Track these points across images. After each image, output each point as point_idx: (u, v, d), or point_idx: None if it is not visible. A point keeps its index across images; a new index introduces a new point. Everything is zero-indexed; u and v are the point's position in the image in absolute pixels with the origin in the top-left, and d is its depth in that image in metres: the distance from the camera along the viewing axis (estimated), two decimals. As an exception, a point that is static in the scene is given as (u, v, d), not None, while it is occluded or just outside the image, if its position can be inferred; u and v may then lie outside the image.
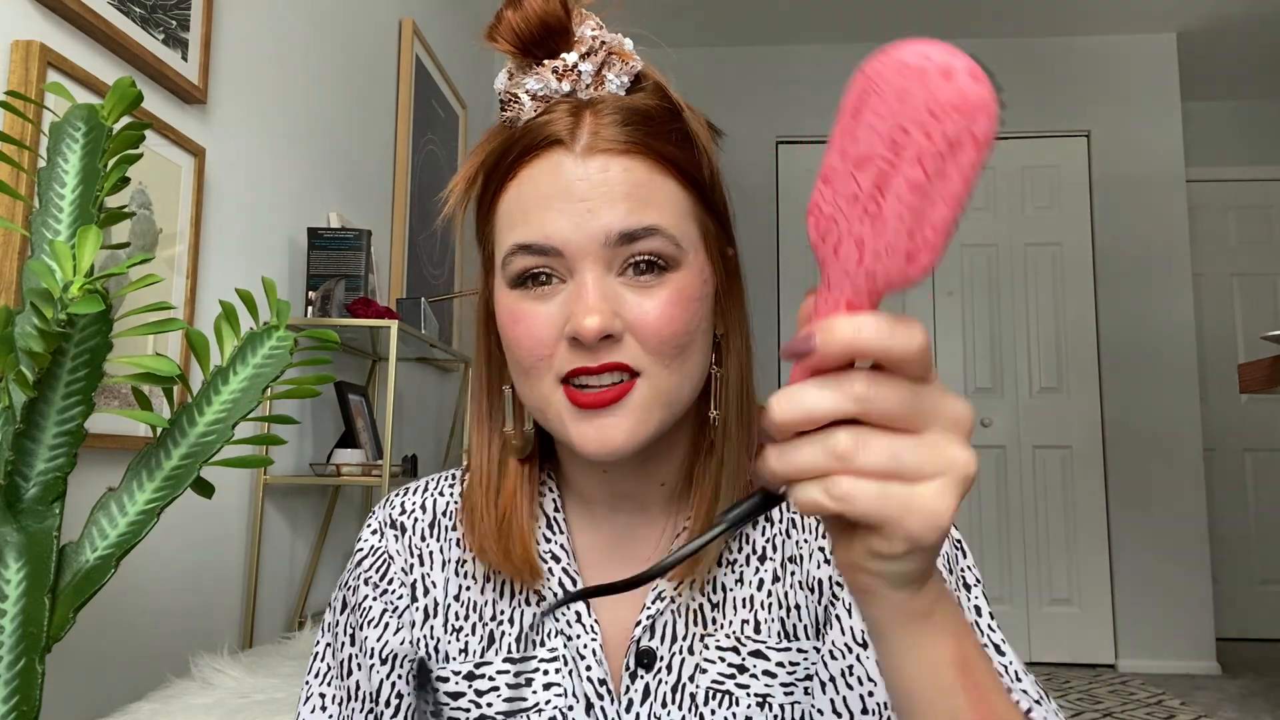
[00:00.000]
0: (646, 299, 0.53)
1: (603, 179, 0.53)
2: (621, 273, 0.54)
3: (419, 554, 0.64)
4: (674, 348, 0.54)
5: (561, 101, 0.55)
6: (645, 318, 0.53)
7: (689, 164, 0.56)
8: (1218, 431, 4.30)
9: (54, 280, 0.81)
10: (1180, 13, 3.71)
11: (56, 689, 1.23)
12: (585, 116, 0.54)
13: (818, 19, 3.81)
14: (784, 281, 3.96)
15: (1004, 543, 3.77)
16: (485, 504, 0.60)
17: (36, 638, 0.81)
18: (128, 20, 1.43)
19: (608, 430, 0.53)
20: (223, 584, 1.75)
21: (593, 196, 0.53)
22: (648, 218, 0.53)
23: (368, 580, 0.64)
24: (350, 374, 2.27)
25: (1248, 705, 3.10)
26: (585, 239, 0.52)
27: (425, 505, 0.66)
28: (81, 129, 0.91)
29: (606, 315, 0.52)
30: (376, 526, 0.66)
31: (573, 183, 0.53)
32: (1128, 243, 3.82)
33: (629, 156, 0.54)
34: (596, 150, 0.53)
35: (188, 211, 1.59)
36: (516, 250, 0.54)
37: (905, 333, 0.34)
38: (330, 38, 2.25)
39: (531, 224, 0.53)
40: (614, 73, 0.56)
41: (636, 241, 0.53)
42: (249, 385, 0.92)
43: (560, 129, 0.54)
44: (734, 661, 0.58)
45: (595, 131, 0.54)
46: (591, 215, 0.52)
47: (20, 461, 0.85)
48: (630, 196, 0.53)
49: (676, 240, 0.54)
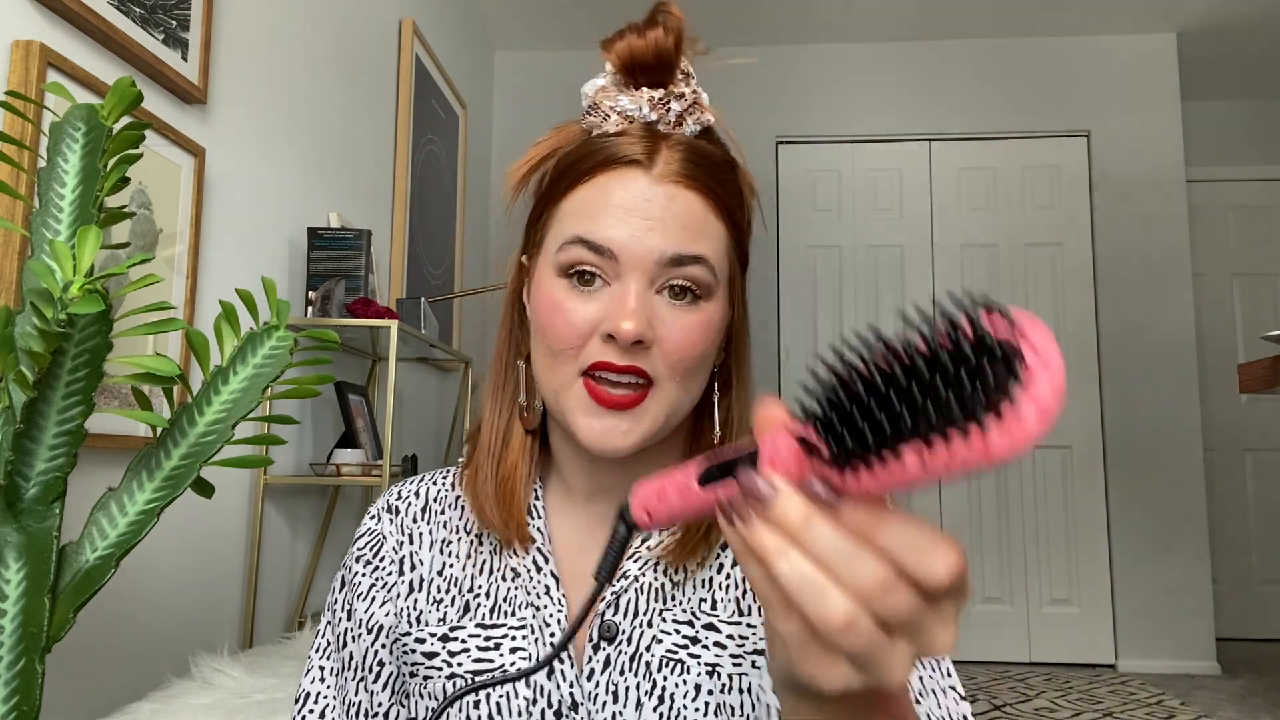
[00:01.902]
0: (679, 319, 0.60)
1: (667, 204, 0.59)
2: (660, 291, 0.60)
3: (409, 534, 0.69)
4: (688, 368, 0.60)
5: (643, 127, 0.62)
6: (674, 335, 0.59)
7: (736, 210, 0.63)
8: (1218, 431, 4.30)
9: (54, 280, 0.81)
10: (1180, 13, 3.71)
11: (56, 689, 1.23)
12: (661, 147, 0.61)
13: (818, 19, 3.81)
14: (784, 282, 3.96)
15: (1004, 543, 3.77)
16: (489, 468, 0.65)
17: (36, 638, 0.81)
18: (128, 20, 1.43)
19: (614, 431, 0.59)
20: (223, 584, 1.75)
21: (656, 217, 0.59)
22: (697, 247, 0.59)
23: (360, 558, 0.69)
24: (350, 374, 2.27)
25: (1247, 705, 3.10)
26: (641, 251, 0.58)
27: (419, 492, 0.72)
28: (81, 129, 0.91)
29: (643, 323, 0.58)
30: (376, 512, 0.71)
31: (642, 200, 0.59)
32: (1128, 243, 3.82)
33: (693, 191, 0.60)
34: (668, 179, 0.60)
35: (188, 211, 1.59)
36: (576, 242, 0.59)
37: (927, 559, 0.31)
38: (330, 38, 2.24)
39: (597, 224, 0.59)
40: (693, 119, 0.63)
41: (683, 266, 0.59)
42: (249, 385, 0.92)
43: (641, 152, 0.61)
44: (688, 634, 0.61)
45: (669, 162, 0.60)
46: (651, 233, 0.59)
47: (20, 461, 0.85)
48: (687, 226, 0.60)
49: (715, 273, 0.60)
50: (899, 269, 3.94)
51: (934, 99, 3.94)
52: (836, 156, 4.01)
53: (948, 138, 3.96)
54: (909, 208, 3.96)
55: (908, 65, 3.96)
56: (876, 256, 3.96)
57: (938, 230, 3.94)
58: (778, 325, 3.91)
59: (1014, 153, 3.94)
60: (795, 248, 3.98)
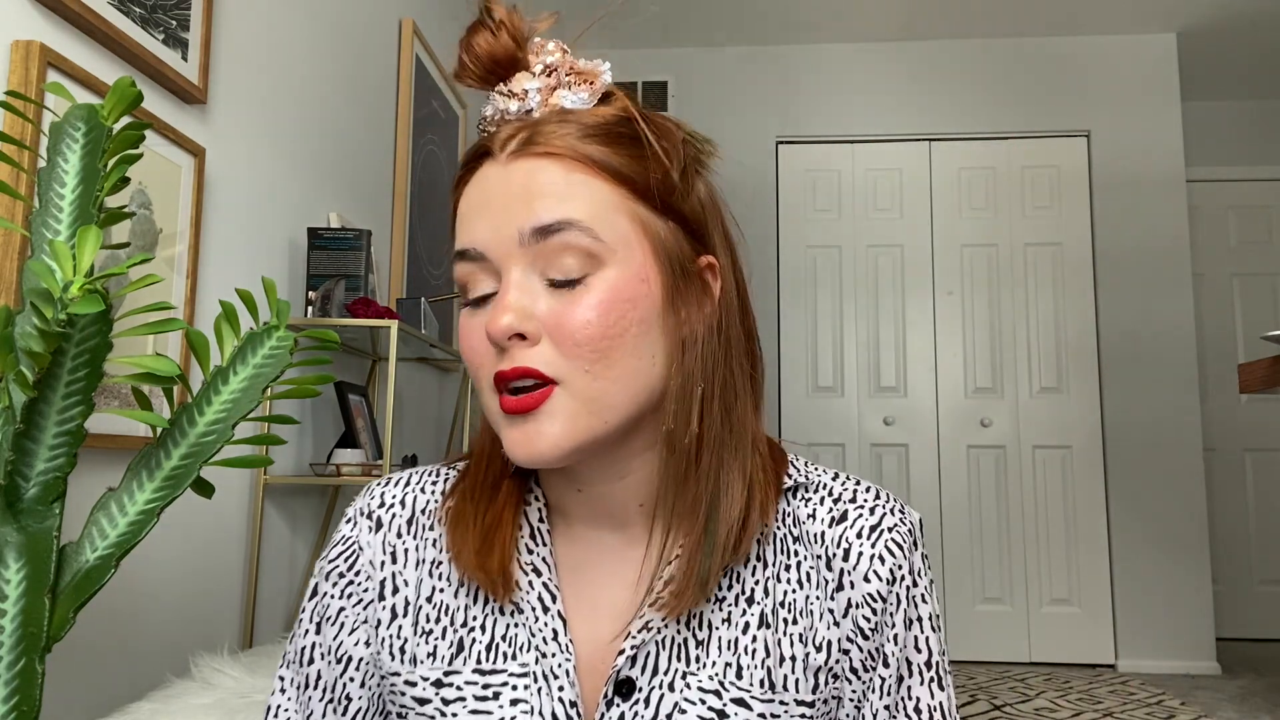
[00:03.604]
0: (566, 300, 0.53)
1: (520, 181, 0.54)
2: (544, 275, 0.54)
3: (392, 550, 0.62)
4: (593, 351, 0.53)
5: (509, 120, 0.57)
6: (559, 319, 0.53)
7: (625, 165, 0.55)
8: (1218, 431, 4.30)
9: (54, 280, 0.81)
10: (1180, 13, 3.71)
11: (56, 689, 1.23)
12: (522, 130, 0.56)
13: (818, 19, 3.81)
14: (784, 282, 3.96)
15: (1004, 542, 3.77)
16: (474, 513, 0.60)
17: (36, 638, 0.81)
18: (128, 20, 1.43)
19: (532, 436, 0.53)
20: (223, 584, 1.75)
21: (508, 199, 0.54)
22: (560, 212, 0.53)
23: (332, 572, 0.63)
24: (350, 374, 2.27)
25: (1248, 705, 3.10)
26: (503, 240, 0.54)
27: (405, 500, 0.64)
28: (81, 129, 0.91)
29: (517, 314, 0.52)
30: (353, 515, 0.65)
31: (494, 189, 0.55)
32: (1128, 243, 3.82)
33: (548, 159, 0.54)
34: (513, 156, 0.55)
35: (188, 211, 1.59)
36: (454, 260, 0.56)
37: None
38: (330, 38, 2.24)
39: (463, 233, 0.56)
40: (572, 90, 0.57)
41: (550, 237, 0.53)
42: (249, 385, 0.92)
43: (491, 142, 0.56)
44: (715, 705, 0.56)
45: (525, 141, 0.55)
46: (508, 216, 0.54)
47: (20, 461, 0.85)
48: (544, 194, 0.54)
49: (597, 234, 0.53)
50: (899, 269, 3.94)
51: (934, 99, 3.95)
52: (836, 156, 4.02)
53: (948, 138, 3.96)
54: (909, 208, 3.96)
55: (908, 65, 3.96)
56: (876, 256, 3.96)
57: (938, 230, 3.94)
58: (778, 325, 3.91)
59: (1014, 153, 3.94)
60: (795, 248, 3.98)
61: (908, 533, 0.61)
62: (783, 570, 0.60)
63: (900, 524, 0.61)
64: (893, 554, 0.60)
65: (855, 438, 3.86)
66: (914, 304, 3.91)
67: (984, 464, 3.80)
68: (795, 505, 0.62)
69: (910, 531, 0.61)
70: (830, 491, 0.62)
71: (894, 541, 0.60)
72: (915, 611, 0.60)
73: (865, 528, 0.60)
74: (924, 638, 0.60)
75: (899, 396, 3.87)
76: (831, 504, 0.61)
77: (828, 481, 0.63)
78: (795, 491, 0.62)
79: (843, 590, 0.59)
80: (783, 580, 0.59)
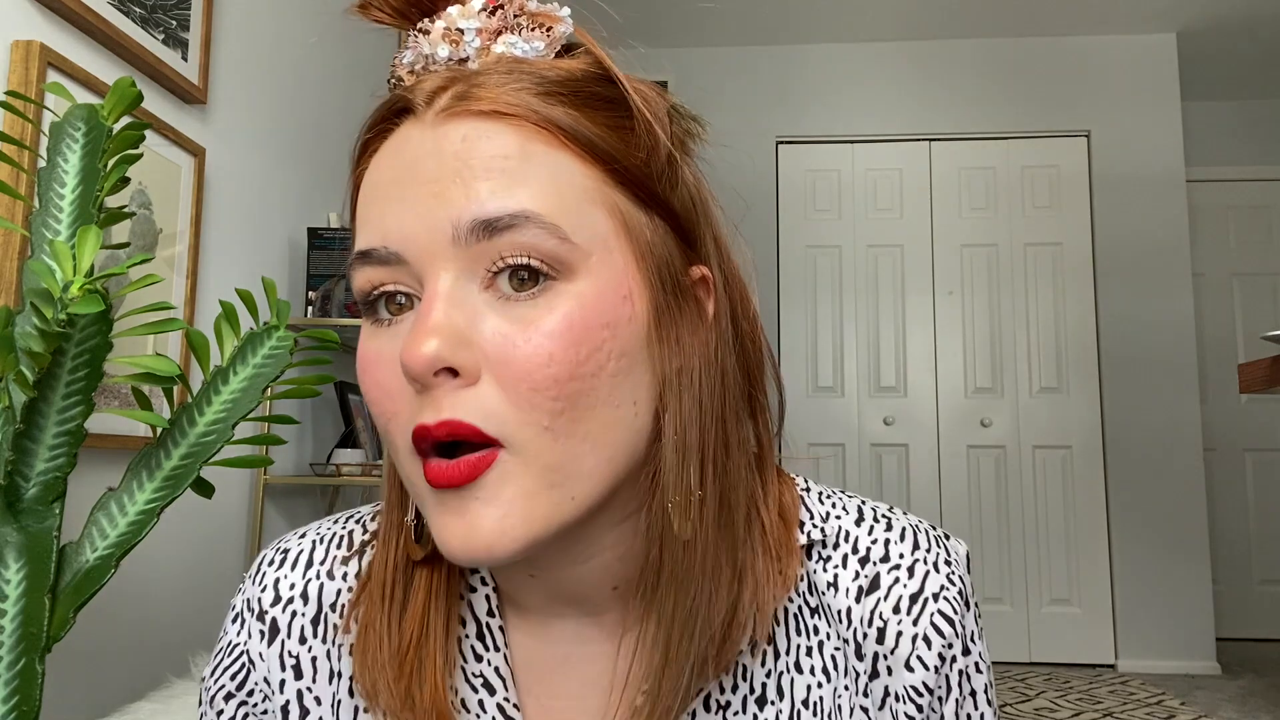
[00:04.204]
0: (518, 322, 0.37)
1: (458, 151, 0.38)
2: (489, 286, 0.38)
3: (295, 663, 0.47)
4: (556, 400, 0.37)
5: (436, 70, 0.42)
6: (508, 350, 0.37)
7: (601, 137, 0.40)
8: (1218, 431, 4.30)
9: (54, 280, 0.81)
10: (1180, 13, 3.71)
11: (56, 689, 1.23)
12: (458, 81, 0.40)
13: (818, 19, 3.81)
14: (784, 282, 3.96)
15: (1004, 543, 3.77)
16: (384, 625, 0.43)
17: (36, 638, 0.81)
18: (128, 20, 1.43)
19: (472, 524, 0.37)
20: (223, 584, 1.75)
21: (439, 174, 0.38)
22: (514, 199, 0.38)
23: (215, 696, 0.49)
24: (350, 374, 2.27)
25: (1248, 705, 3.10)
26: (428, 234, 0.38)
27: (308, 593, 0.48)
28: (81, 129, 0.91)
29: (447, 339, 0.36)
30: (239, 611, 0.49)
31: (419, 160, 0.39)
32: (1128, 243, 3.82)
33: (496, 121, 0.39)
34: (454, 115, 0.39)
35: (188, 211, 1.59)
36: (354, 263, 0.40)
37: None
38: (330, 38, 2.25)
39: (368, 224, 0.40)
40: (522, 36, 0.42)
41: (502, 234, 0.37)
42: (249, 385, 0.92)
43: (412, 95, 0.41)
44: None
45: (461, 94, 0.39)
46: (438, 201, 0.38)
47: (20, 461, 0.85)
48: (495, 172, 0.38)
49: (564, 234, 0.38)
50: (899, 269, 3.94)
51: (934, 99, 3.94)
52: (836, 156, 4.02)
53: (948, 138, 3.96)
54: (909, 208, 3.96)
55: (908, 65, 3.96)
56: (876, 256, 3.96)
57: (938, 230, 3.94)
58: (777, 326, 3.91)
59: (1014, 153, 3.94)
60: (795, 248, 3.98)
61: (957, 595, 0.46)
62: (802, 656, 0.46)
63: (949, 583, 0.46)
64: (941, 633, 0.46)
65: (855, 438, 3.86)
66: (914, 304, 3.91)
67: (984, 464, 3.80)
68: (812, 568, 0.47)
69: (961, 593, 0.47)
70: (855, 546, 0.47)
71: (942, 615, 0.46)
72: (969, 686, 0.47)
73: (904, 598, 0.46)
74: (978, 715, 0.48)
75: (899, 396, 3.87)
76: (858, 566, 0.47)
77: (850, 528, 0.48)
78: (810, 550, 0.48)
79: (878, 678, 0.46)
80: (804, 670, 0.46)
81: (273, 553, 0.50)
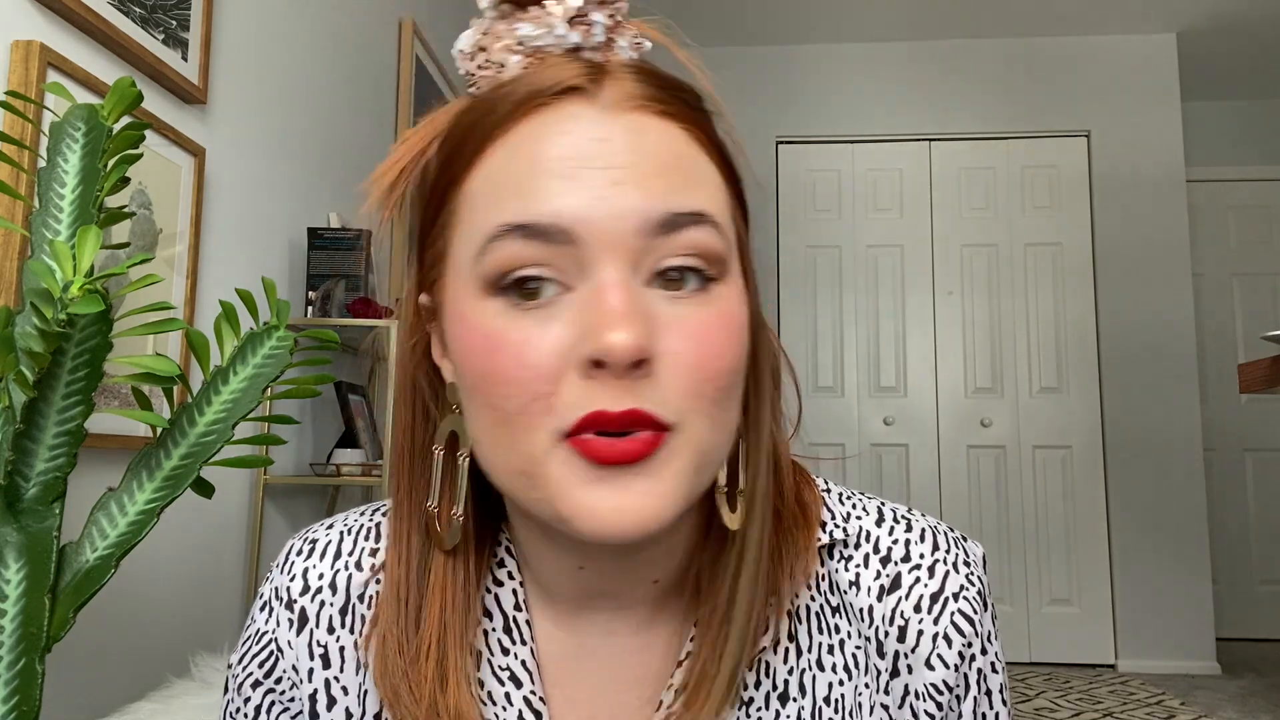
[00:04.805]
0: (690, 318, 0.39)
1: (637, 144, 0.39)
2: (649, 282, 0.39)
3: (323, 652, 0.47)
4: (719, 389, 0.39)
5: (567, 56, 0.41)
6: (689, 345, 0.38)
7: (727, 147, 0.43)
8: (1218, 431, 4.30)
9: (54, 280, 0.81)
10: (1180, 13, 3.71)
11: (56, 689, 1.23)
12: (603, 68, 0.41)
13: (818, 19, 3.81)
14: (784, 282, 3.96)
15: (1004, 542, 3.77)
16: (402, 629, 0.44)
17: (36, 638, 0.81)
18: (128, 20, 1.43)
19: (638, 500, 0.37)
20: (223, 584, 1.75)
21: (623, 162, 0.38)
22: (694, 200, 0.39)
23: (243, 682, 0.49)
24: (350, 374, 2.27)
25: (1248, 705, 3.10)
26: (612, 219, 0.38)
27: (336, 583, 0.48)
28: (81, 129, 0.91)
29: (641, 327, 0.36)
30: (267, 599, 0.49)
31: (596, 141, 0.39)
32: (1128, 243, 3.82)
33: (669, 120, 0.40)
34: (627, 105, 0.40)
35: (188, 211, 1.59)
36: (505, 233, 0.38)
37: None
38: (330, 38, 2.25)
39: (532, 196, 0.38)
40: (627, 40, 0.42)
41: (678, 232, 0.38)
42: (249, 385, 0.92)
43: (576, 74, 0.40)
44: None
45: (622, 83, 0.40)
46: (620, 187, 0.38)
47: (20, 461, 0.85)
48: (673, 169, 0.39)
49: (724, 235, 0.40)
50: (899, 269, 3.94)
51: (934, 99, 3.94)
52: (836, 156, 4.02)
53: (948, 138, 3.96)
54: (909, 208, 3.96)
55: (908, 65, 3.96)
56: (876, 256, 3.96)
57: (938, 230, 3.94)
58: (777, 326, 3.91)
59: (1014, 153, 3.94)
60: (795, 248, 3.98)
61: (977, 595, 0.48)
62: (824, 654, 0.47)
63: (968, 584, 0.48)
64: (961, 632, 0.47)
65: (855, 438, 3.86)
66: (914, 304, 3.91)
67: (984, 464, 3.80)
68: (834, 567, 0.48)
69: (980, 593, 0.48)
70: (876, 546, 0.48)
71: (962, 614, 0.47)
72: (986, 685, 0.48)
73: (925, 598, 0.47)
74: (993, 714, 0.49)
75: (899, 396, 3.87)
76: (879, 565, 0.48)
77: (871, 529, 0.49)
78: (832, 550, 0.49)
79: (899, 677, 0.47)
80: (826, 668, 0.47)
81: (300, 543, 0.50)
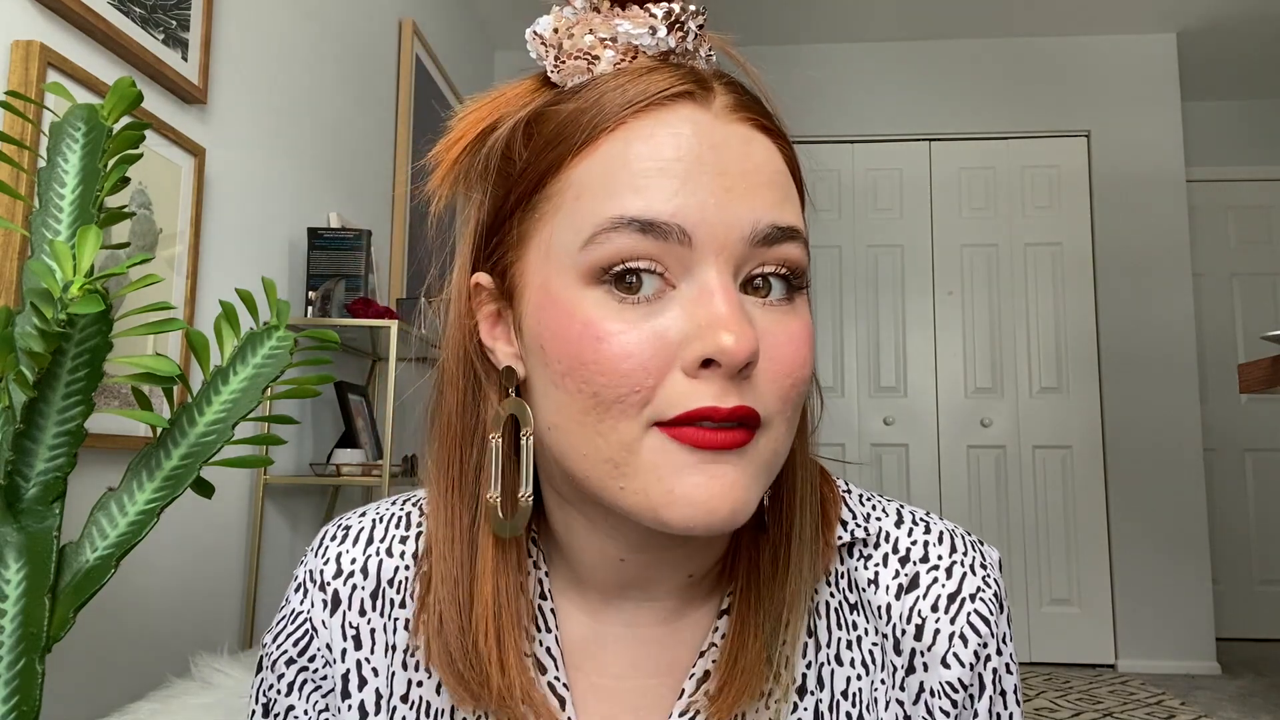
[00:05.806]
0: (781, 326, 0.41)
1: (746, 154, 0.40)
2: (745, 287, 0.41)
3: (355, 634, 0.49)
4: (799, 395, 0.41)
5: (659, 58, 0.42)
6: (782, 352, 0.40)
7: (802, 174, 0.46)
8: (1218, 431, 4.30)
9: (54, 280, 0.81)
10: (1180, 13, 3.71)
11: (56, 689, 1.23)
12: (728, 85, 0.43)
13: (819, 19, 3.81)
14: (784, 281, 3.96)
15: (1004, 543, 3.77)
16: (456, 618, 0.45)
17: (36, 638, 0.81)
18: (128, 20, 1.43)
19: (731, 486, 0.39)
20: (223, 584, 1.75)
21: (736, 171, 0.40)
22: (791, 216, 0.41)
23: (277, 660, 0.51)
24: (350, 374, 2.27)
25: (1248, 705, 3.10)
26: (725, 225, 0.39)
27: (368, 568, 0.50)
28: (81, 129, 0.91)
29: (753, 335, 0.38)
30: (301, 581, 0.51)
31: (707, 150, 0.40)
32: (1128, 243, 3.82)
33: (768, 135, 0.42)
34: (736, 116, 0.41)
35: (188, 211, 1.59)
36: (619, 226, 0.39)
37: None
38: (330, 38, 2.25)
39: (650, 192, 0.39)
40: (704, 50, 0.44)
41: (777, 245, 0.40)
42: (249, 385, 0.92)
43: (684, 80, 0.41)
44: None
45: (740, 103, 0.42)
46: (732, 195, 0.39)
47: (20, 461, 0.85)
48: (775, 186, 0.41)
49: (809, 255, 0.43)
50: (899, 269, 3.94)
51: (934, 99, 3.94)
52: (836, 156, 4.01)
53: (948, 138, 3.96)
54: (909, 208, 3.96)
55: (908, 65, 3.96)
56: (876, 256, 3.96)
57: (938, 230, 3.94)
58: (778, 325, 3.91)
59: (1014, 153, 3.94)
60: (795, 248, 3.98)
61: (993, 597, 0.49)
62: (842, 649, 0.48)
63: (985, 585, 0.49)
64: (977, 631, 0.48)
65: (855, 438, 3.86)
66: (914, 304, 3.90)
67: (984, 464, 3.80)
68: (853, 565, 0.50)
69: (996, 595, 0.49)
70: (895, 546, 0.50)
71: (978, 615, 0.48)
72: (1001, 686, 0.49)
73: (942, 597, 0.48)
74: (1008, 715, 0.50)
75: (899, 396, 3.87)
76: (898, 565, 0.49)
77: (890, 529, 0.50)
78: (852, 548, 0.50)
79: (914, 674, 0.48)
80: (844, 663, 0.48)
81: (334, 529, 0.52)
